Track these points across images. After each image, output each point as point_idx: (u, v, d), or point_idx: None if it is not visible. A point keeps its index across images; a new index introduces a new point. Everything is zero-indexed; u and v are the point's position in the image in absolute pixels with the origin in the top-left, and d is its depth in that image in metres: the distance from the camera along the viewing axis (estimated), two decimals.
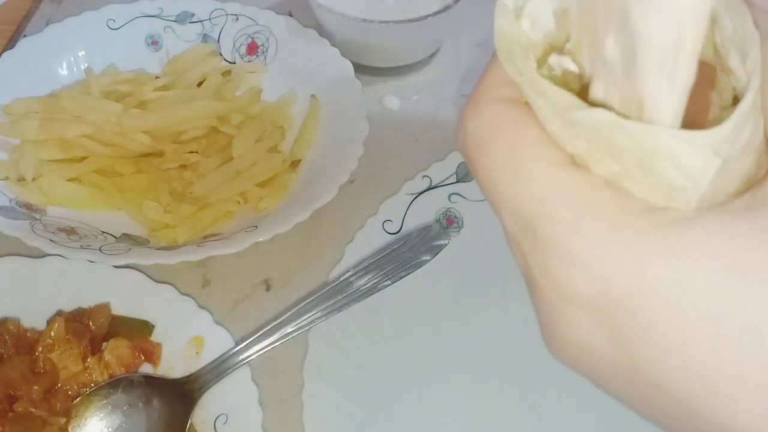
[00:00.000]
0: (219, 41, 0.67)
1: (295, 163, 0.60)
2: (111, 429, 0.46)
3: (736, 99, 0.20)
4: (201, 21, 0.67)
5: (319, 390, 0.48)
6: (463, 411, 0.49)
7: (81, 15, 0.65)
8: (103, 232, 0.55)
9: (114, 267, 0.52)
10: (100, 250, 0.51)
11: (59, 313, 0.50)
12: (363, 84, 0.62)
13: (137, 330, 0.50)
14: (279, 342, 0.49)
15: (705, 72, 0.20)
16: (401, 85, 0.69)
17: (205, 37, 0.67)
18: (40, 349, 0.47)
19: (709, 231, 0.18)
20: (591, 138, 0.20)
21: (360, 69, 0.64)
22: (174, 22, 0.67)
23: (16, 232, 0.51)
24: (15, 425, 0.45)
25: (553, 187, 0.20)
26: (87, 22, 0.65)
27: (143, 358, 0.49)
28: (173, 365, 0.49)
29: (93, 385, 0.47)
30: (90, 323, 0.50)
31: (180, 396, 0.47)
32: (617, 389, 0.21)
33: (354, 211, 0.57)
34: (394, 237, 0.55)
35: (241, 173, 0.58)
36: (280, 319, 0.50)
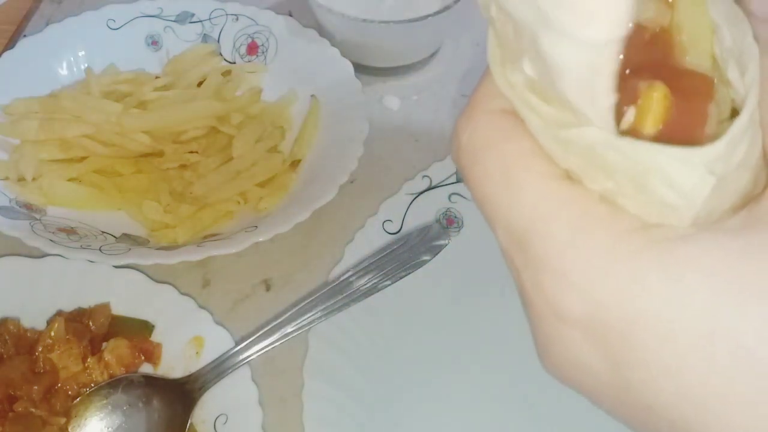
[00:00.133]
0: (219, 41, 0.67)
1: (295, 163, 0.60)
2: (111, 429, 0.46)
3: (735, 111, 0.20)
4: (201, 21, 0.67)
5: (319, 390, 0.48)
6: (463, 411, 0.49)
7: (81, 15, 0.65)
8: (103, 232, 0.55)
9: (114, 267, 0.52)
10: (100, 250, 0.51)
11: (59, 313, 0.50)
12: (363, 84, 0.62)
13: (137, 330, 0.50)
14: (279, 342, 0.49)
15: (702, 84, 0.19)
16: (401, 85, 0.69)
17: (205, 37, 0.67)
18: (40, 349, 0.47)
19: (703, 250, 0.18)
20: (583, 155, 0.20)
21: (360, 69, 0.64)
22: (174, 22, 0.67)
23: (16, 232, 0.51)
24: (15, 425, 0.45)
25: (546, 202, 0.20)
26: (87, 22, 0.65)
27: (143, 358, 0.49)
28: (173, 365, 0.49)
29: (93, 385, 0.47)
30: (90, 323, 0.50)
31: (180, 396, 0.47)
32: (611, 407, 0.21)
33: (354, 211, 0.57)
34: (394, 237, 0.55)
35: (241, 173, 0.58)
36: (280, 319, 0.50)
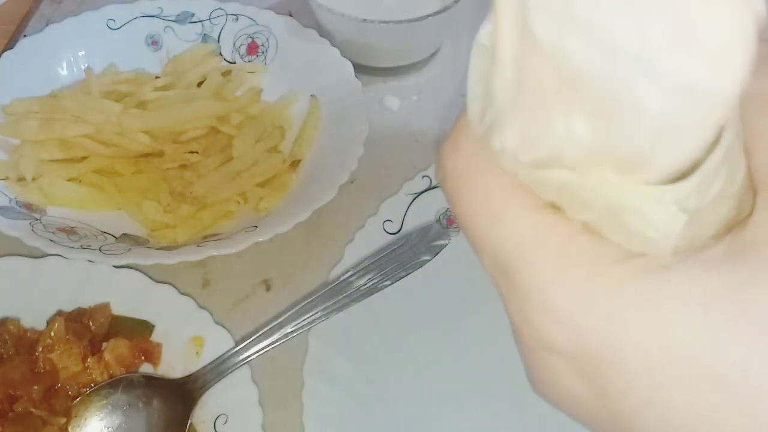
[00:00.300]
0: (219, 41, 0.67)
1: (295, 163, 0.60)
2: (111, 429, 0.46)
3: (719, 139, 0.19)
4: (201, 21, 0.67)
5: (319, 390, 0.48)
6: (464, 411, 0.49)
7: (81, 15, 0.65)
8: (103, 232, 0.55)
9: (114, 267, 0.52)
10: (100, 250, 0.51)
11: (59, 313, 0.50)
12: (363, 84, 0.62)
13: (137, 330, 0.50)
14: (279, 342, 0.49)
15: None
16: (401, 85, 0.69)
17: (205, 37, 0.67)
18: (40, 349, 0.47)
19: (685, 281, 0.18)
20: (558, 193, 0.20)
21: (360, 69, 0.64)
22: (174, 22, 0.67)
23: (16, 232, 0.51)
24: (15, 425, 0.45)
25: (528, 232, 0.20)
26: (87, 22, 0.65)
27: (143, 358, 0.49)
28: (173, 365, 0.49)
29: (93, 385, 0.47)
30: (90, 323, 0.50)
31: (180, 396, 0.47)
32: None
33: (354, 211, 0.57)
34: (394, 237, 0.55)
35: (241, 173, 0.58)
36: (280, 319, 0.50)
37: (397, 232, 0.56)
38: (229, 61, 0.67)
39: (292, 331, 0.49)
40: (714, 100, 0.16)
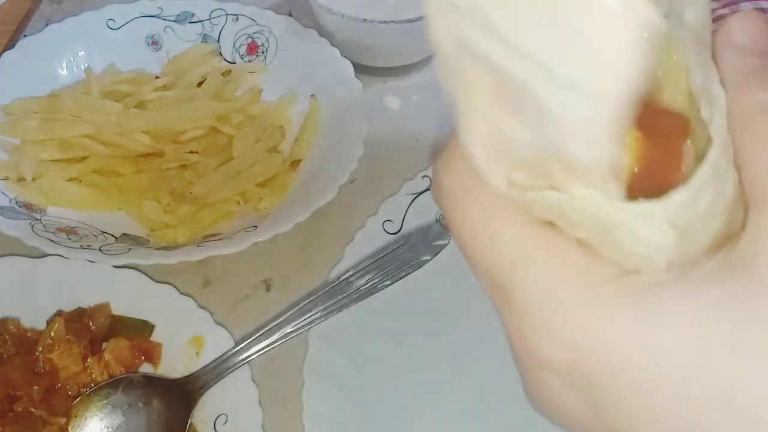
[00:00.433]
0: (219, 41, 0.67)
1: (295, 163, 0.60)
2: (111, 429, 0.46)
3: None
4: (201, 21, 0.67)
5: (319, 390, 0.48)
6: (463, 411, 0.49)
7: (81, 15, 0.65)
8: (103, 232, 0.55)
9: (114, 267, 0.52)
10: (100, 250, 0.51)
11: (59, 313, 0.50)
12: (363, 84, 0.62)
13: (137, 330, 0.50)
14: (279, 342, 0.49)
15: (677, 124, 0.19)
16: (401, 85, 0.69)
17: (205, 37, 0.67)
18: (40, 349, 0.47)
19: (679, 299, 0.18)
20: (549, 212, 0.20)
21: (360, 69, 0.64)
22: (174, 22, 0.67)
23: (16, 232, 0.51)
24: (15, 425, 0.45)
25: (524, 249, 0.20)
26: (87, 22, 0.65)
27: (143, 358, 0.49)
28: (173, 365, 0.49)
29: (93, 385, 0.47)
30: (90, 323, 0.50)
31: (180, 396, 0.47)
32: None
33: (354, 211, 0.58)
34: (394, 237, 0.55)
35: (241, 173, 0.58)
36: (280, 319, 0.50)
37: (397, 232, 0.56)
38: (229, 61, 0.67)
39: (292, 331, 0.49)
40: (608, 101, 0.17)
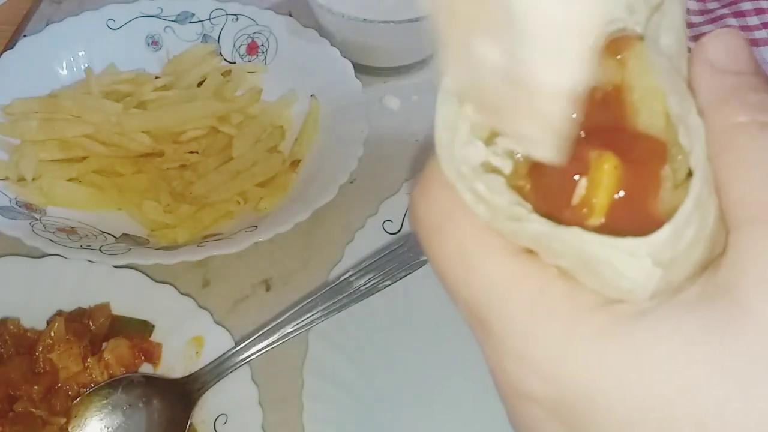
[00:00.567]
0: (219, 41, 0.67)
1: (295, 163, 0.60)
2: (111, 429, 0.46)
3: (690, 173, 0.19)
4: (201, 21, 0.67)
5: (319, 390, 0.48)
6: (463, 410, 0.49)
7: (81, 15, 0.65)
8: (103, 232, 0.55)
9: (114, 267, 0.52)
10: (100, 250, 0.51)
11: (59, 313, 0.50)
12: (363, 84, 0.62)
13: (137, 330, 0.50)
14: (279, 342, 0.49)
15: (654, 149, 0.19)
16: (401, 85, 0.69)
17: (205, 37, 0.67)
18: (40, 349, 0.47)
19: (662, 328, 0.18)
20: (532, 241, 0.20)
21: (360, 69, 0.64)
22: (174, 22, 0.67)
23: (16, 232, 0.51)
24: (15, 425, 0.45)
25: (503, 280, 0.20)
26: (87, 22, 0.65)
27: (143, 358, 0.49)
28: (173, 365, 0.49)
29: (93, 385, 0.47)
30: (90, 323, 0.50)
31: (180, 396, 0.47)
32: None
33: (354, 211, 0.58)
34: (394, 237, 0.55)
35: (241, 173, 0.58)
36: (280, 319, 0.50)
37: (397, 232, 0.56)
38: (229, 61, 0.67)
39: (292, 331, 0.49)
40: (581, 17, 0.17)
